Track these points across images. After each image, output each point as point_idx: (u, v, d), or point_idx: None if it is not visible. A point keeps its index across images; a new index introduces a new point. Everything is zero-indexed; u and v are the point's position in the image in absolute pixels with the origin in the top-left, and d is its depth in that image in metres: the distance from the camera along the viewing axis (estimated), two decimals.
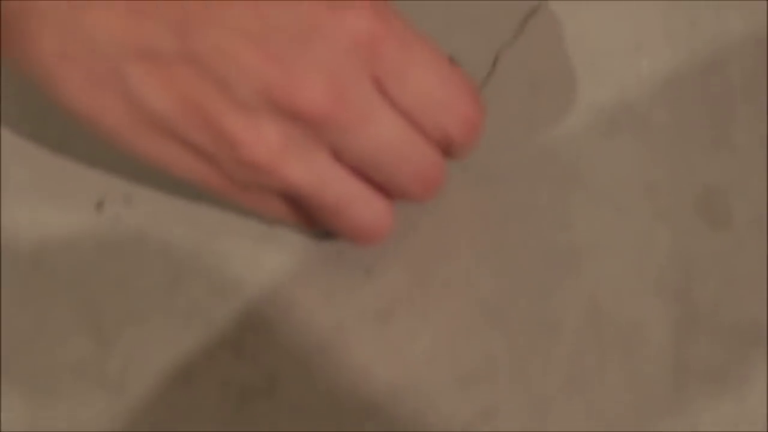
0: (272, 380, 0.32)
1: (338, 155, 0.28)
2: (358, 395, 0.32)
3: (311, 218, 0.30)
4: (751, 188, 0.35)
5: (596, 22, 0.39)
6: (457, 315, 0.33)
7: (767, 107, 0.36)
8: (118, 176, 0.35)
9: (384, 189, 0.29)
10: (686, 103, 0.37)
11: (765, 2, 0.39)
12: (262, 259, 0.33)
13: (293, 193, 0.28)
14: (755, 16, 0.39)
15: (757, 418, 0.32)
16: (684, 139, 0.36)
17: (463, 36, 0.38)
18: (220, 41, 0.25)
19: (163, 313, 0.33)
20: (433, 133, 0.28)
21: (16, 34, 0.26)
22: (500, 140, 0.36)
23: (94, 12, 0.25)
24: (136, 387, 0.32)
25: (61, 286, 0.33)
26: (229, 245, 0.34)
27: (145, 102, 0.26)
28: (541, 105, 0.37)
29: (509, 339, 0.33)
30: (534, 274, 0.33)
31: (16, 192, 0.35)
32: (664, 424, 0.32)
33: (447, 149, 0.29)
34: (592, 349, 0.33)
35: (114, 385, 0.32)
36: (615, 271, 0.33)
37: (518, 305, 0.33)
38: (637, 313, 0.33)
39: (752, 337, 0.33)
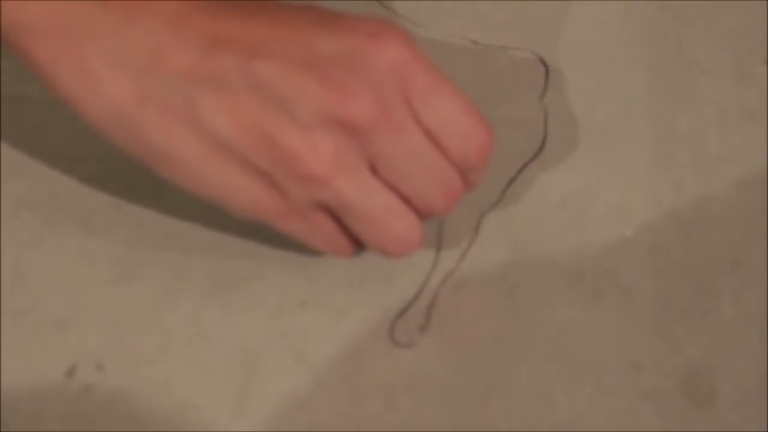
0: None
1: (375, 169, 0.31)
2: None
3: (350, 240, 0.33)
4: (738, 366, 0.34)
5: (580, 187, 0.38)
6: None
7: (755, 277, 0.36)
8: (92, 343, 0.34)
9: (412, 204, 0.32)
10: (672, 271, 0.36)
11: (750, 168, 0.39)
12: None
13: (341, 205, 0.31)
14: (739, 180, 0.39)
15: None
16: (669, 311, 0.35)
17: None
18: (279, 70, 0.29)
19: None
20: (454, 155, 0.32)
21: (89, 85, 0.30)
22: (481, 309, 0.35)
23: (174, 57, 0.30)
24: None
25: None
26: (201, 421, 0.33)
27: (214, 128, 0.29)
28: (523, 271, 0.36)
29: None
30: None
31: None
32: None
33: (463, 171, 0.33)
34: None
35: None
36: None
37: None
38: None
39: None
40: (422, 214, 0.33)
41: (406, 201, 0.32)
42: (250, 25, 0.30)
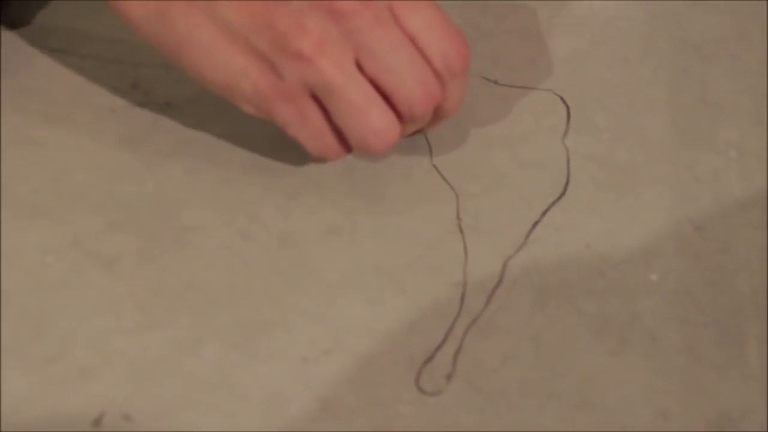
0: None
1: (360, 65, 0.35)
2: None
3: (336, 140, 0.36)
4: (765, 414, 0.34)
5: (603, 230, 0.38)
6: None
7: None
8: (118, 391, 0.34)
9: (393, 103, 0.36)
10: (697, 318, 0.36)
11: None
12: None
13: (325, 87, 0.35)
14: (762, 222, 0.39)
15: None
16: (696, 359, 0.35)
17: (471, 244, 0.38)
18: None
19: None
20: (433, 55, 0.36)
21: None
22: (507, 355, 0.35)
23: None
24: None
25: None
26: None
27: (227, 16, 0.35)
28: (548, 317, 0.36)
29: None
30: None
31: (11, 402, 0.34)
32: None
33: (442, 77, 0.36)
34: None
35: None
36: None
37: None
38: None
39: None
40: (402, 115, 0.36)
41: (388, 100, 0.36)
42: None
